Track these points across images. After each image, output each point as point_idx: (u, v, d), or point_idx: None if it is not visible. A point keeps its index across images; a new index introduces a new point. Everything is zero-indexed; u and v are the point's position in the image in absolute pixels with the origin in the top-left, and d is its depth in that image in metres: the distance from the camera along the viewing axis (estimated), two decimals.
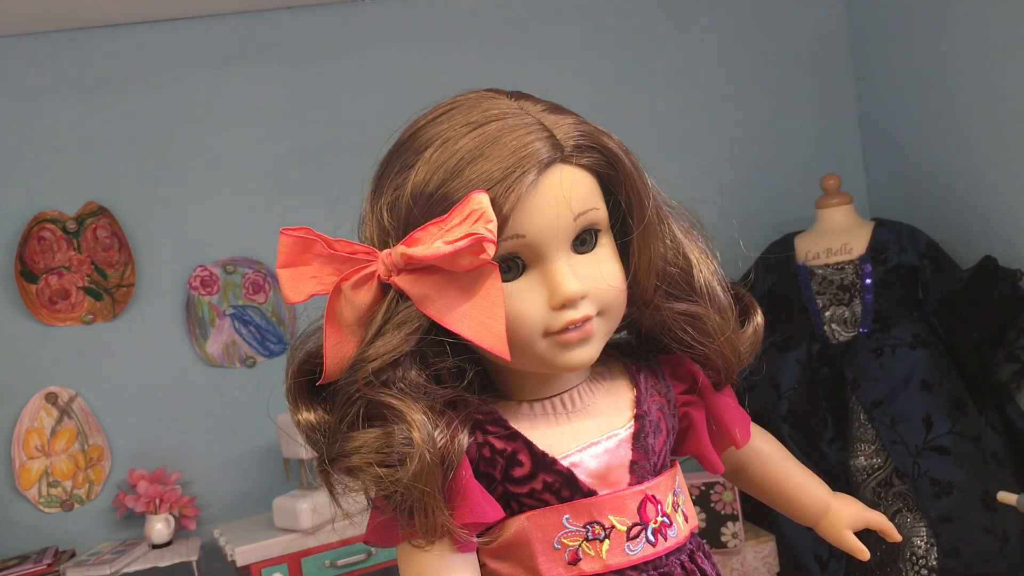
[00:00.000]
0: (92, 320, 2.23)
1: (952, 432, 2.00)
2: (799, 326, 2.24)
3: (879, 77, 2.57)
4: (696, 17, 2.58)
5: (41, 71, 2.21)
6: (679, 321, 0.87)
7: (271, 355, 2.34)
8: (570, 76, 2.46)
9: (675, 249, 0.87)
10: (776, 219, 2.48)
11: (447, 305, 0.76)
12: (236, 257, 2.32)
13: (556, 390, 0.86)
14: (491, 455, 0.82)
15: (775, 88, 2.62)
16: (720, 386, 0.94)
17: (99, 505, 2.22)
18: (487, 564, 0.84)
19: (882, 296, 2.17)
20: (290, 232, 0.80)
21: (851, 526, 1.06)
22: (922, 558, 1.99)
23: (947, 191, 2.36)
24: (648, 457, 0.85)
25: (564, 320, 0.79)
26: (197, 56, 2.29)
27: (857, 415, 2.11)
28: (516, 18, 2.47)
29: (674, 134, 2.54)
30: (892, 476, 2.06)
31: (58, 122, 2.22)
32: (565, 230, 0.80)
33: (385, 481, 0.76)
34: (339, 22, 2.37)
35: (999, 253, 2.14)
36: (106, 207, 2.24)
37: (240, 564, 2.00)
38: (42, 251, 2.20)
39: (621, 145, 0.84)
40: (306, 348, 0.84)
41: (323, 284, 0.80)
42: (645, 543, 0.84)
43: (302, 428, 0.83)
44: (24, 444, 2.18)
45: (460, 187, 0.76)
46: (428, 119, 0.82)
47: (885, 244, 2.21)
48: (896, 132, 2.53)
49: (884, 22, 2.51)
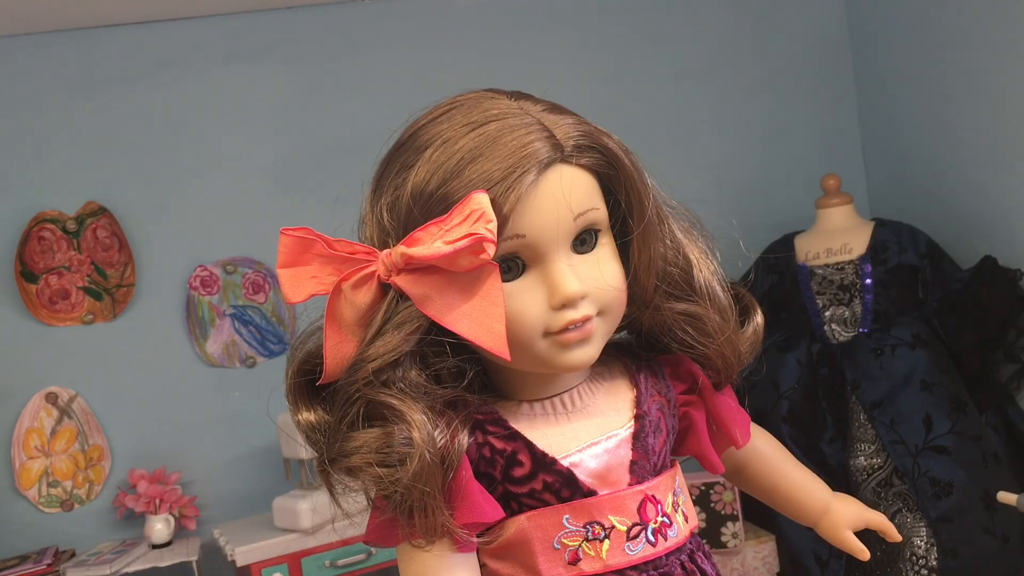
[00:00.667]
0: (92, 320, 2.23)
1: (952, 432, 2.00)
2: (799, 326, 2.24)
3: (879, 77, 2.57)
4: (696, 17, 2.58)
5: (41, 71, 2.21)
6: (679, 321, 0.87)
7: (271, 355, 2.34)
8: (570, 76, 2.46)
9: (675, 249, 0.87)
10: (776, 219, 2.48)
11: (447, 305, 0.76)
12: (236, 257, 2.32)
13: (556, 390, 0.86)
14: (491, 455, 0.82)
15: (775, 88, 2.62)
16: (720, 386, 0.94)
17: (99, 505, 2.22)
18: (487, 564, 0.84)
19: (882, 296, 2.17)
20: (290, 232, 0.80)
21: (851, 526, 1.05)
22: (922, 558, 1.99)
23: (947, 191, 2.36)
24: (648, 457, 0.85)
25: (564, 320, 0.79)
26: (197, 56, 2.29)
27: (857, 415, 2.11)
28: (516, 18, 2.47)
29: (674, 134, 2.54)
30: (892, 476, 2.06)
31: (58, 122, 2.22)
32: (565, 230, 0.80)
33: (385, 481, 0.76)
34: (339, 22, 2.37)
35: (999, 253, 2.14)
36: (106, 207, 2.24)
37: (240, 564, 2.00)
38: (42, 251, 2.20)
39: (621, 145, 0.84)
40: (306, 348, 0.84)
41: (323, 284, 0.80)
42: (645, 543, 0.84)
43: (302, 428, 0.83)
44: (24, 444, 2.18)
45: (460, 187, 0.76)
46: (428, 119, 0.82)
47: (885, 244, 2.21)
48: (896, 132, 2.53)
49: (884, 22, 2.51)
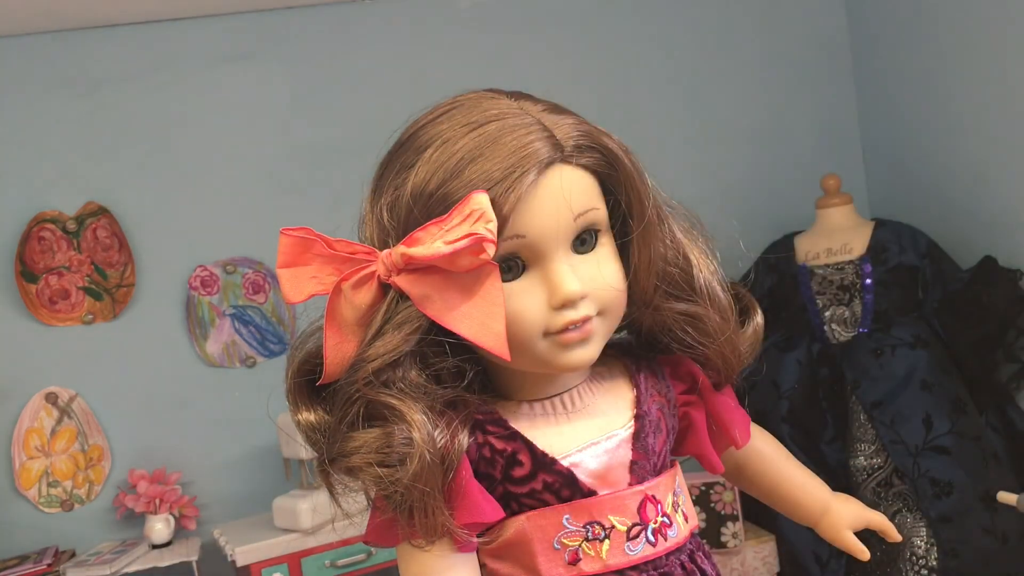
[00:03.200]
0: (92, 320, 2.23)
1: (952, 432, 2.00)
2: (799, 326, 2.24)
3: (879, 77, 2.57)
4: (696, 17, 2.58)
5: (41, 71, 2.21)
6: (679, 321, 0.87)
7: (271, 355, 2.34)
8: (570, 76, 2.46)
9: (675, 249, 0.86)
10: (776, 219, 2.48)
11: (447, 305, 0.76)
12: (236, 257, 2.32)
13: (556, 390, 0.86)
14: (491, 455, 0.82)
15: (775, 88, 2.62)
16: (720, 386, 0.94)
17: (99, 505, 2.22)
18: (487, 564, 0.84)
19: (882, 296, 2.17)
20: (290, 232, 0.80)
21: (851, 526, 1.05)
22: (922, 558, 1.98)
23: (947, 191, 2.36)
24: (648, 457, 0.85)
25: (564, 320, 0.79)
26: (197, 56, 2.29)
27: (857, 415, 2.11)
28: (516, 18, 2.47)
29: (674, 134, 2.54)
30: (892, 476, 2.06)
31: (58, 122, 2.22)
32: (565, 230, 0.80)
33: (385, 481, 0.76)
34: (339, 22, 2.37)
35: (999, 253, 2.14)
36: (106, 207, 2.24)
37: (240, 564, 2.00)
38: (42, 251, 2.20)
39: (621, 145, 0.84)
40: (306, 348, 0.84)
41: (323, 284, 0.80)
42: (645, 543, 0.84)
43: (302, 428, 0.83)
44: (24, 444, 2.18)
45: (460, 187, 0.76)
46: (428, 119, 0.82)
47: (885, 244, 2.21)
48: (896, 132, 2.53)
49: (884, 22, 2.51)
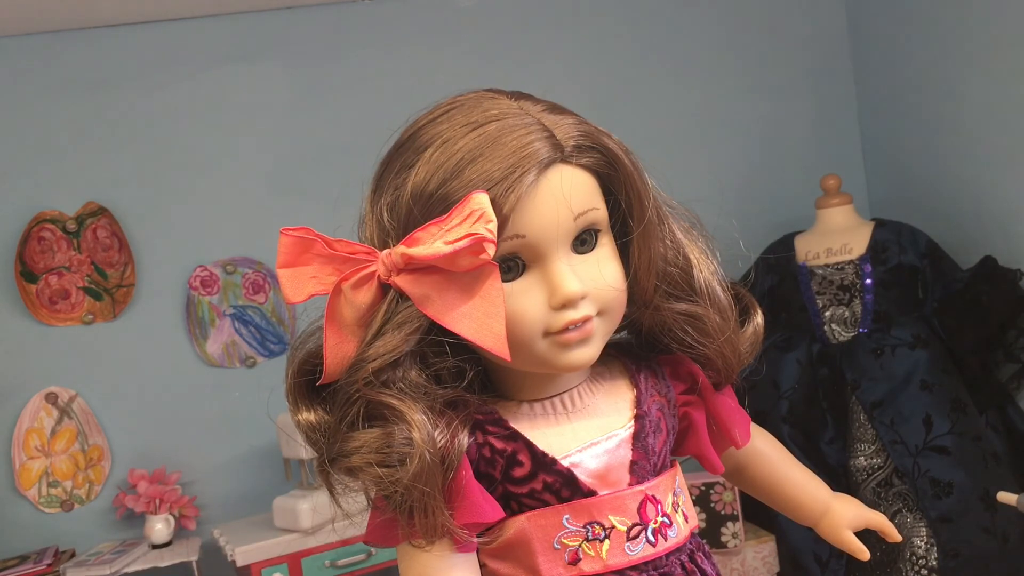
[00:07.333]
0: (92, 320, 2.23)
1: (952, 432, 2.00)
2: (799, 326, 2.24)
3: (879, 77, 2.57)
4: (696, 17, 2.58)
5: (41, 71, 2.21)
6: (679, 321, 0.87)
7: (271, 355, 2.34)
8: (570, 76, 2.47)
9: (675, 249, 0.86)
10: (776, 219, 2.48)
11: (447, 305, 0.76)
12: (236, 257, 2.32)
13: (556, 390, 0.86)
14: (491, 455, 0.82)
15: (775, 88, 2.62)
16: (720, 386, 0.94)
17: (99, 505, 2.22)
18: (487, 564, 0.84)
19: (882, 296, 2.17)
20: (290, 232, 0.80)
21: (851, 526, 1.05)
22: (922, 558, 1.98)
23: (947, 191, 2.36)
24: (648, 457, 0.85)
25: (564, 320, 0.79)
26: (197, 56, 2.29)
27: (857, 415, 2.11)
28: (516, 18, 2.47)
29: (675, 134, 2.54)
30: (892, 476, 2.06)
31: (58, 122, 2.22)
32: (565, 230, 0.80)
33: (385, 481, 0.76)
34: (339, 22, 2.37)
35: (999, 253, 2.14)
36: (106, 207, 2.24)
37: (240, 564, 2.00)
38: (42, 251, 2.20)
39: (621, 145, 0.84)
40: (306, 348, 0.84)
41: (323, 284, 0.80)
42: (645, 543, 0.84)
43: (302, 428, 0.83)
44: (24, 444, 2.18)
45: (460, 187, 0.76)
46: (428, 119, 0.82)
47: (885, 244, 2.21)
48: (896, 132, 2.53)
49: (884, 22, 2.51)
